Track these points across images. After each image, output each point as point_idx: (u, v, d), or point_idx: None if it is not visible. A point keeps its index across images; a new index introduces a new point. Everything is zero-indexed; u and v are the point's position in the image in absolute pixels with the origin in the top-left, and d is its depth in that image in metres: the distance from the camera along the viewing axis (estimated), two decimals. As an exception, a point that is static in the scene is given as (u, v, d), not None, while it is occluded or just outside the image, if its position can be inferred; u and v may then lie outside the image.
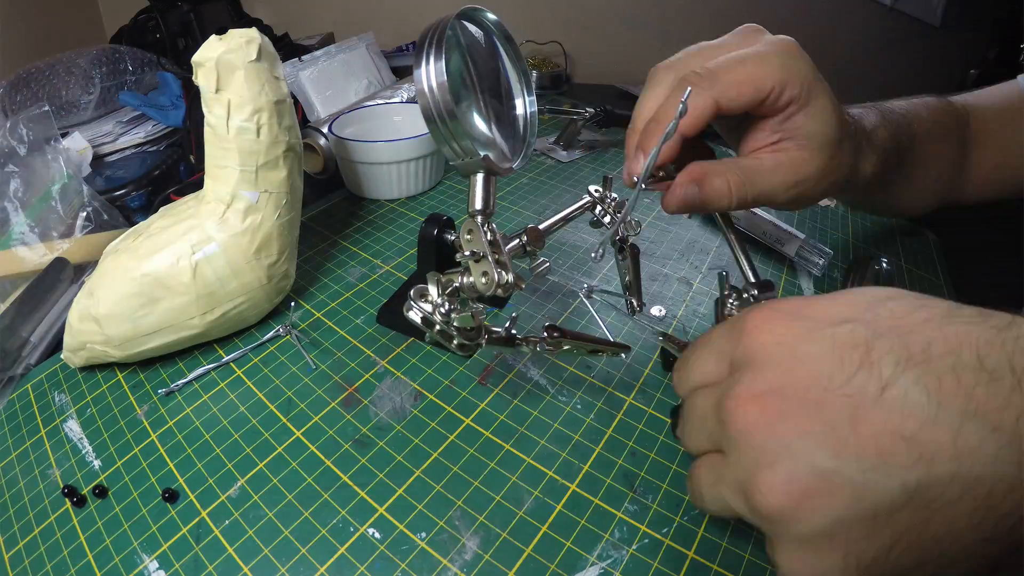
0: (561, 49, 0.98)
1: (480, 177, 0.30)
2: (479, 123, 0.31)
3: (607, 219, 0.37)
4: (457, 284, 0.29)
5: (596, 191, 0.38)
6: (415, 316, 0.29)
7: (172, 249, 0.36)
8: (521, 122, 0.34)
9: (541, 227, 0.33)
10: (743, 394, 0.19)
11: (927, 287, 0.55)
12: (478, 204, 0.30)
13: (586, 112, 0.68)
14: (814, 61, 0.30)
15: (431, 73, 0.27)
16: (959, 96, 0.48)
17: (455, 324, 0.29)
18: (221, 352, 0.40)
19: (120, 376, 0.38)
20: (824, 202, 0.63)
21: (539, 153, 0.70)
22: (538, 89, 0.89)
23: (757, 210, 0.53)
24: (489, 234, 0.29)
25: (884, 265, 0.48)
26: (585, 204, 0.37)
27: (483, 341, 0.30)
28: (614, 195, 0.38)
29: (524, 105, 0.34)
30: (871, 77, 0.91)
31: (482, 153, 0.28)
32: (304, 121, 0.69)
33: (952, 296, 0.54)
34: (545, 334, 0.31)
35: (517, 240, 0.31)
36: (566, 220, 0.36)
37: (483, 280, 0.28)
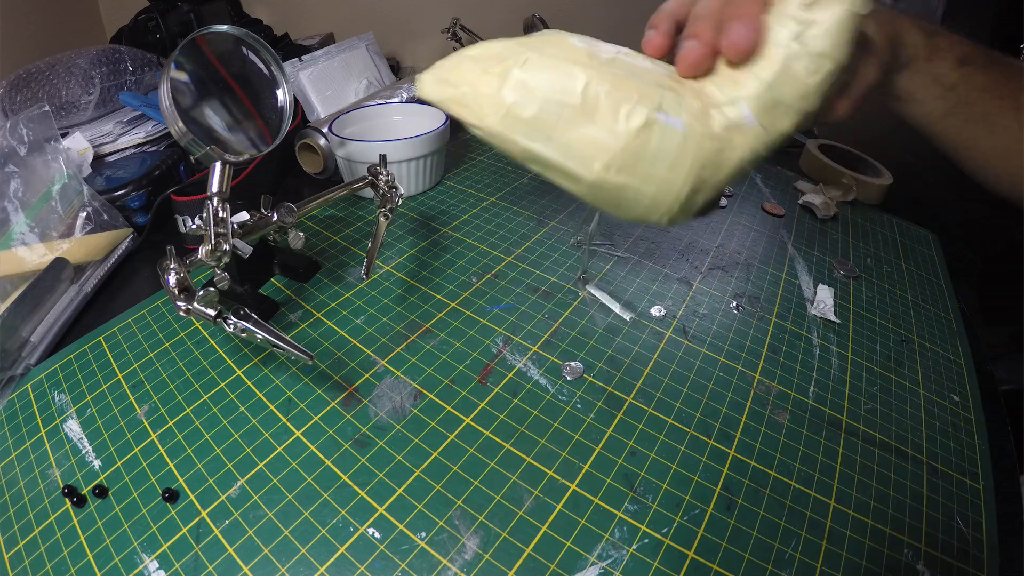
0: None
1: (217, 165, 0.35)
2: (215, 122, 0.36)
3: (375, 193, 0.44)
4: (198, 256, 0.34)
5: (371, 168, 0.44)
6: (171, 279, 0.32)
7: (634, 87, 0.26)
8: (281, 111, 0.38)
9: (294, 205, 0.40)
10: None
11: (927, 287, 0.55)
12: (214, 187, 0.34)
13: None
14: None
15: (161, 96, 0.33)
16: None
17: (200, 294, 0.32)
18: (221, 352, 0.40)
19: (120, 376, 0.38)
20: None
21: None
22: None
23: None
24: (221, 212, 0.34)
25: None
26: (361, 182, 0.44)
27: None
28: (390, 172, 0.44)
29: (284, 94, 0.38)
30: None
31: (209, 146, 0.34)
32: (304, 121, 0.69)
33: (952, 296, 0.54)
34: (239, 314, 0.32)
35: (249, 217, 0.39)
36: (327, 199, 0.44)
37: (205, 249, 0.34)
